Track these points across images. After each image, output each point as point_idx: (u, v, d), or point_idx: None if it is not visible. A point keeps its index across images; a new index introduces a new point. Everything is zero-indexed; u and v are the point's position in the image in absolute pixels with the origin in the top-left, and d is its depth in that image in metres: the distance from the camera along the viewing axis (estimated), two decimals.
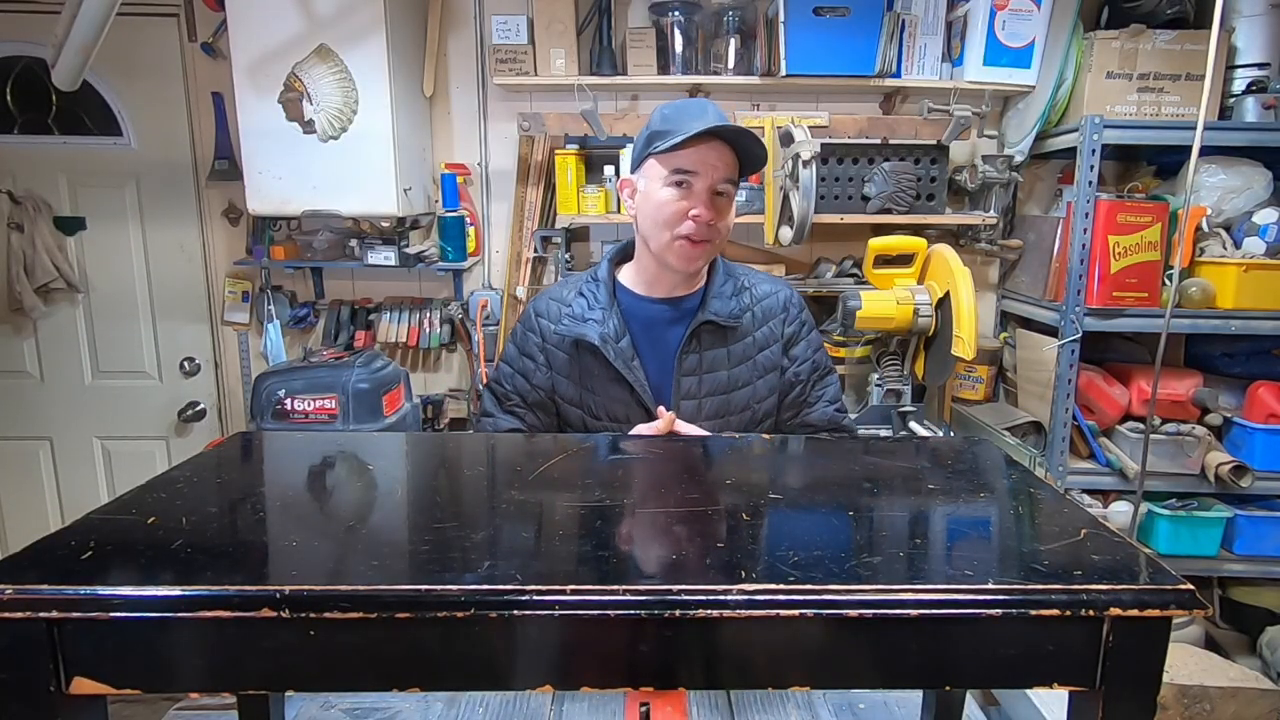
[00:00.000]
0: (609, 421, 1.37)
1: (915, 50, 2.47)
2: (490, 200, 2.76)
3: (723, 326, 1.37)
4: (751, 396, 1.40)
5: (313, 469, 1.04)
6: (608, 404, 1.36)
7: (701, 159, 1.26)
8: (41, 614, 0.63)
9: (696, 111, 1.26)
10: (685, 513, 0.85)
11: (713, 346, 1.37)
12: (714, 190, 1.28)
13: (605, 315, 1.35)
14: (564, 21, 2.44)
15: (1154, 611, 0.66)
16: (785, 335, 1.43)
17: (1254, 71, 2.35)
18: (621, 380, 1.34)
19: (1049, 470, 2.39)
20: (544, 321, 1.40)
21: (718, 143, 1.26)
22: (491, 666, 0.68)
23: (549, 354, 1.39)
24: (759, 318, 1.41)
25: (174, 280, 2.79)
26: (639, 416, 1.35)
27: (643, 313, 1.39)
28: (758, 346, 1.40)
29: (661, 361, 1.37)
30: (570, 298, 1.40)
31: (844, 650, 0.69)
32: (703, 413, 1.37)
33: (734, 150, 1.28)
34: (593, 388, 1.37)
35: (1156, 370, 2.07)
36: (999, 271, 2.80)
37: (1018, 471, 1.02)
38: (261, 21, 2.26)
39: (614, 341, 1.34)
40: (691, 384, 1.37)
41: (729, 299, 1.39)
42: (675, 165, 1.27)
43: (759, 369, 1.40)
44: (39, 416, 2.85)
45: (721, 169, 1.27)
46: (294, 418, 2.12)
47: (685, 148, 1.25)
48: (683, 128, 1.24)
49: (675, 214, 1.28)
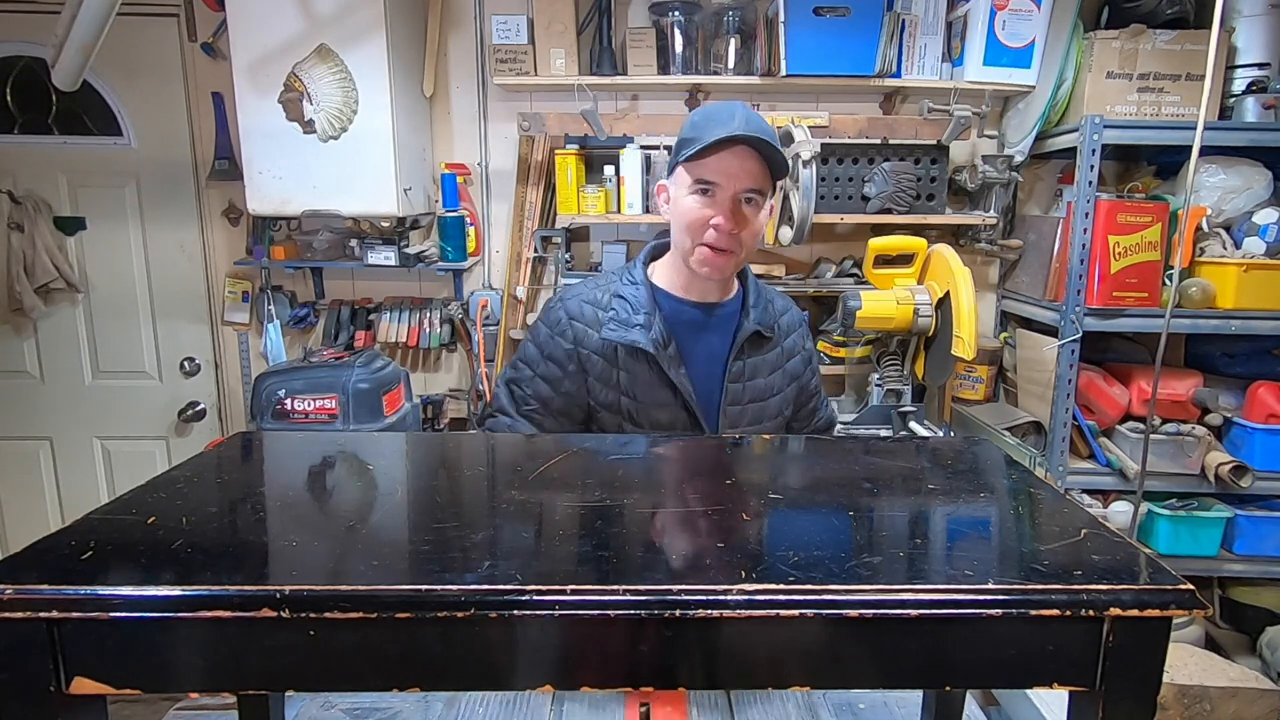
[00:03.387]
0: (650, 429, 1.34)
1: (915, 50, 2.47)
2: (490, 200, 2.76)
3: (763, 336, 1.40)
4: (782, 404, 1.44)
5: (313, 469, 1.04)
6: (651, 410, 1.33)
7: (724, 168, 1.24)
8: (41, 614, 0.63)
9: (724, 118, 1.24)
10: (685, 513, 0.85)
11: (754, 355, 1.40)
12: (738, 199, 1.26)
13: (650, 320, 1.32)
14: (564, 21, 2.44)
15: (1154, 611, 0.66)
16: (808, 350, 1.50)
17: (1254, 71, 2.35)
18: (669, 386, 1.32)
19: (1049, 470, 2.39)
20: (579, 325, 1.34)
21: (742, 149, 1.23)
22: (491, 666, 0.68)
23: (585, 360, 1.34)
24: (784, 329, 1.45)
25: (174, 280, 2.79)
26: (683, 422, 1.34)
27: (683, 317, 1.37)
28: (786, 356, 1.45)
29: (706, 367, 1.36)
30: (606, 301, 1.36)
31: (844, 650, 0.69)
32: (745, 419, 1.39)
33: (762, 158, 1.25)
34: (636, 394, 1.33)
35: (1156, 370, 2.07)
36: (999, 271, 2.80)
37: (1018, 471, 1.02)
38: (261, 21, 2.26)
39: (663, 348, 1.32)
40: (738, 391, 1.38)
41: (764, 310, 1.41)
42: (698, 174, 1.26)
43: (788, 377, 1.45)
44: (39, 416, 2.85)
45: (745, 178, 1.25)
46: (294, 418, 2.12)
47: (708, 155, 1.24)
48: (707, 135, 1.22)
49: (698, 222, 1.27)
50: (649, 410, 1.33)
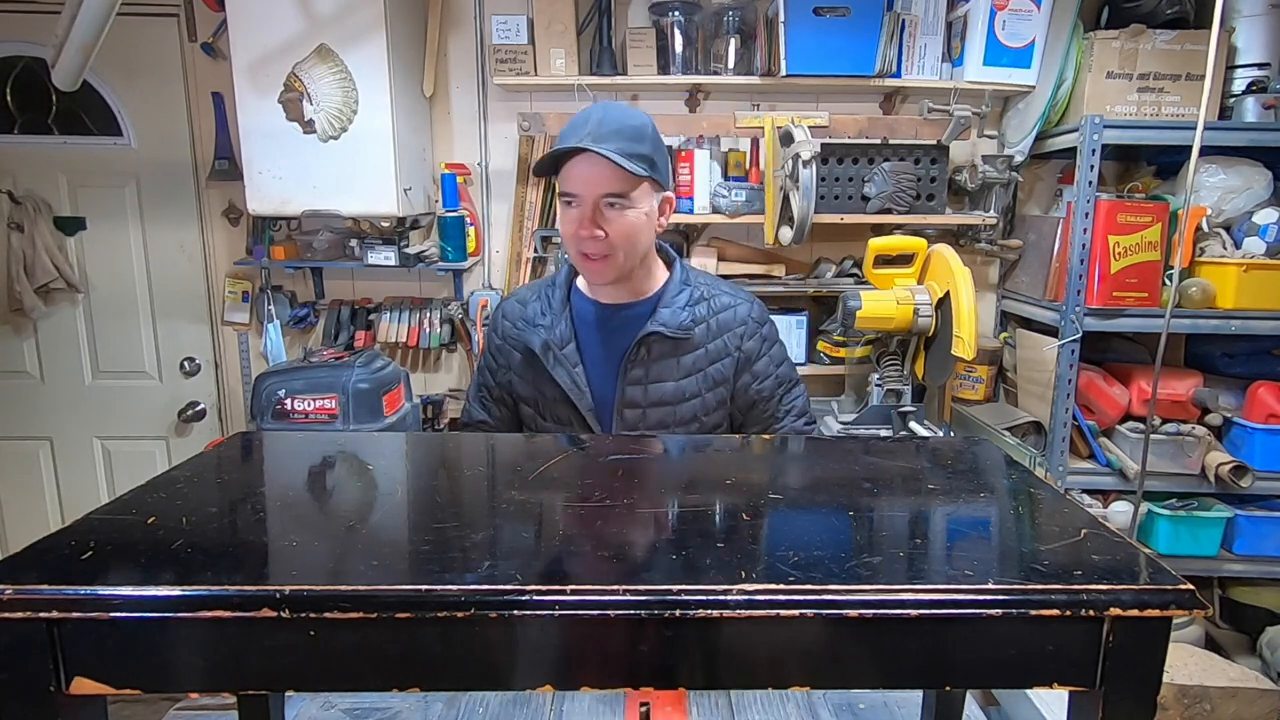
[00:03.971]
0: (554, 424, 1.39)
1: (915, 50, 2.47)
2: (490, 200, 2.76)
3: (672, 337, 1.34)
4: (700, 409, 1.38)
5: (313, 469, 1.04)
6: (553, 407, 1.39)
7: (579, 176, 1.24)
8: (41, 614, 0.63)
9: (578, 126, 1.23)
10: (685, 512, 0.85)
11: (661, 357, 1.35)
12: (598, 205, 1.25)
13: (555, 320, 1.37)
14: (564, 21, 2.44)
15: (1154, 611, 0.66)
16: (745, 350, 1.39)
17: (1254, 71, 2.35)
18: (557, 385, 1.36)
19: (1049, 470, 2.39)
20: (505, 322, 1.43)
21: (592, 155, 1.21)
22: (491, 666, 0.68)
23: (507, 354, 1.42)
24: (714, 330, 1.38)
25: (174, 280, 2.79)
26: (579, 422, 1.37)
27: (594, 317, 1.39)
28: (709, 359, 1.37)
29: (607, 367, 1.37)
30: (530, 299, 1.43)
31: (844, 650, 0.69)
32: (646, 422, 1.36)
33: (611, 161, 1.21)
34: (541, 389, 1.39)
35: (1156, 370, 2.07)
36: (999, 271, 2.80)
37: (1018, 471, 1.02)
38: (261, 21, 2.26)
39: (558, 347, 1.35)
40: (636, 393, 1.36)
41: (681, 309, 1.36)
42: (562, 187, 1.28)
43: (709, 381, 1.37)
44: (39, 416, 2.85)
45: (600, 182, 1.23)
46: (294, 418, 2.12)
47: (563, 168, 1.25)
48: (560, 146, 1.23)
49: (568, 235, 1.29)
50: (551, 407, 1.39)
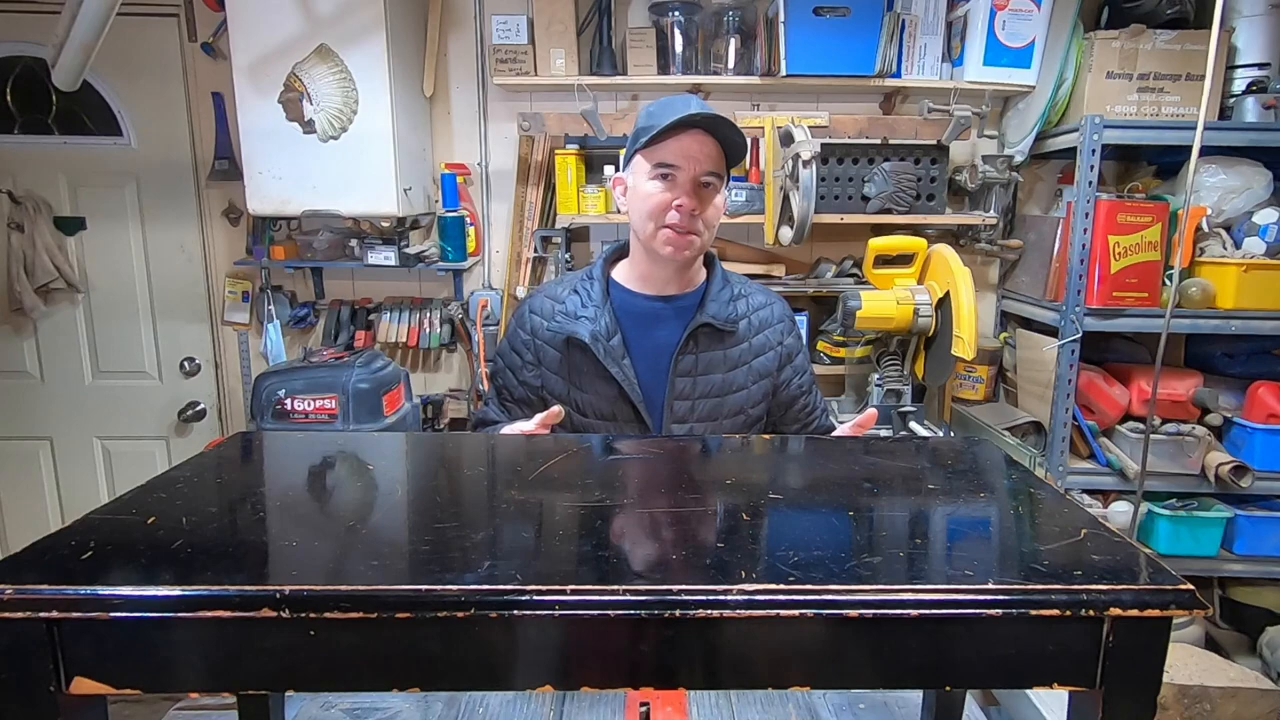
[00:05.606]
0: (595, 419, 1.38)
1: (915, 50, 2.47)
2: (490, 200, 2.76)
3: (720, 330, 1.37)
4: (746, 401, 1.41)
5: (313, 469, 1.04)
6: (595, 401, 1.37)
7: (683, 151, 1.27)
8: (41, 614, 0.63)
9: (679, 106, 1.27)
10: (685, 512, 0.85)
11: (709, 349, 1.38)
12: (698, 181, 1.29)
13: (598, 313, 1.36)
14: (564, 21, 2.44)
15: (1154, 611, 0.66)
16: (786, 346, 1.45)
17: (1254, 71, 2.35)
18: (610, 378, 1.35)
19: (1049, 470, 2.39)
20: (536, 318, 1.41)
21: (699, 134, 1.27)
22: (491, 666, 0.68)
23: (539, 351, 1.40)
24: (755, 325, 1.42)
25: (174, 280, 2.79)
26: (626, 414, 1.36)
27: (636, 309, 1.39)
28: (754, 352, 1.41)
29: (654, 360, 1.37)
30: (564, 295, 1.41)
31: (844, 650, 0.69)
32: (695, 414, 1.37)
33: (717, 141, 1.28)
34: (581, 385, 1.37)
35: (1156, 370, 2.07)
36: (999, 271, 2.80)
37: (1018, 471, 1.02)
38: (261, 21, 2.26)
39: (605, 339, 1.34)
40: (686, 385, 1.37)
41: (726, 304, 1.39)
42: (658, 159, 1.29)
43: (754, 374, 1.41)
44: (39, 416, 2.85)
45: (703, 160, 1.28)
46: (294, 418, 2.12)
47: (665, 140, 1.27)
48: (663, 121, 1.25)
49: (660, 205, 1.29)
50: (593, 401, 1.37)
